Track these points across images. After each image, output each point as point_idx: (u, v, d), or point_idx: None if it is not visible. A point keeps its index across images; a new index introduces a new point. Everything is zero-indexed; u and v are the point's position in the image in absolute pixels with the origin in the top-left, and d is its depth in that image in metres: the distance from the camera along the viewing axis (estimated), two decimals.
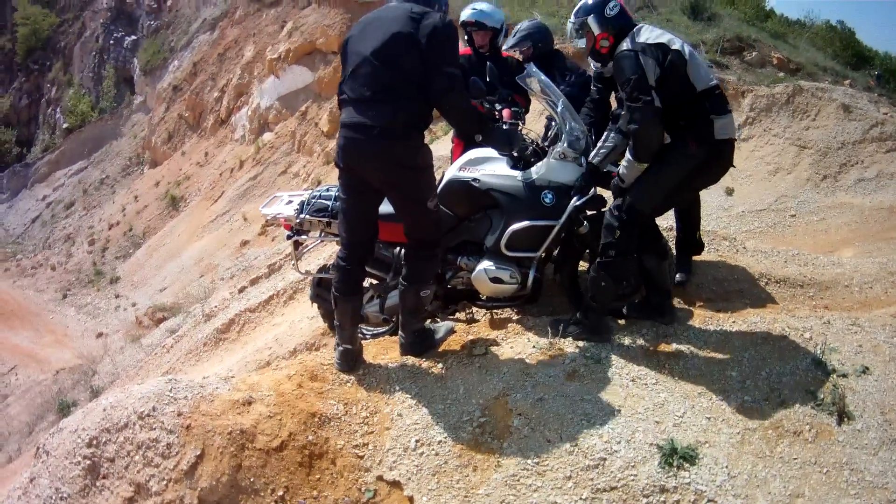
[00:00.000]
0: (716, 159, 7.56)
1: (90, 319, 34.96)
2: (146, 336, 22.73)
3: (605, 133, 7.85)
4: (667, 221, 9.19)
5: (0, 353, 31.33)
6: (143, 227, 41.95)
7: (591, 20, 7.45)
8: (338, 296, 7.31)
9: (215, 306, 15.17)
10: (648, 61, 7.03)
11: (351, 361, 7.33)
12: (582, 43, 7.72)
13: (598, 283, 7.45)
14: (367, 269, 8.03)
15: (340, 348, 7.33)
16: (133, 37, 58.01)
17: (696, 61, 7.33)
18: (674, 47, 7.19)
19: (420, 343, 7.55)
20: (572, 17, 7.63)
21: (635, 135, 7.10)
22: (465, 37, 9.91)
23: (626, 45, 7.22)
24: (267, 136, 37.10)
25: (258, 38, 40.52)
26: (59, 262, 44.60)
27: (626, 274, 7.55)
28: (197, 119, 45.22)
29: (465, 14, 9.73)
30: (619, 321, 8.01)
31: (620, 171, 7.38)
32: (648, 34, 7.28)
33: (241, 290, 15.30)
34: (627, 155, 7.25)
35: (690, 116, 7.32)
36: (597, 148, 7.79)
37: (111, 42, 58.65)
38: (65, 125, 57.05)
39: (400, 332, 7.61)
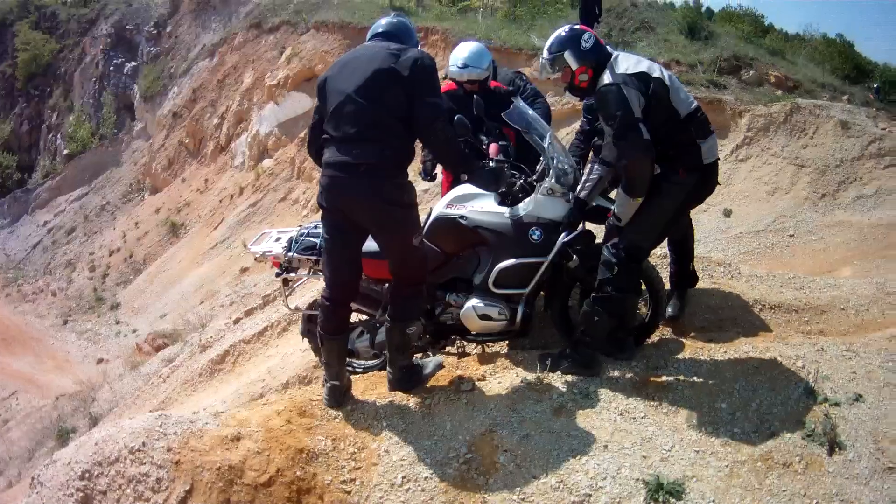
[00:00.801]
0: (704, 183, 7.52)
1: (91, 345, 35.03)
2: (144, 364, 22.70)
3: (589, 166, 7.83)
4: (660, 249, 9.12)
5: (1, 378, 31.46)
6: (143, 254, 42.01)
7: (567, 55, 7.34)
8: (323, 335, 7.31)
9: (211, 337, 15.17)
10: (632, 93, 6.93)
11: (339, 397, 7.30)
12: (557, 78, 7.66)
13: (591, 318, 7.39)
14: (356, 305, 8.08)
15: (328, 385, 7.30)
16: (133, 63, 58.07)
17: (676, 86, 7.29)
18: (654, 75, 7.14)
19: (408, 379, 7.51)
20: (545, 52, 7.57)
21: (627, 171, 7.06)
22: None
23: (606, 77, 7.12)
24: (267, 163, 37.07)
25: (257, 64, 40.62)
26: (60, 288, 44.64)
27: (622, 310, 7.50)
28: (197, 146, 45.31)
29: (454, 72, 9.61)
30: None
31: (616, 210, 7.31)
32: (626, 63, 7.21)
33: (236, 321, 15.32)
34: (621, 192, 7.18)
35: (678, 145, 7.26)
36: (582, 181, 7.78)
37: (111, 68, 58.71)
38: (65, 151, 57.06)
39: (388, 368, 7.57)
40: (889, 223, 14.47)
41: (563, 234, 7.62)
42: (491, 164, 7.87)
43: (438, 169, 10.02)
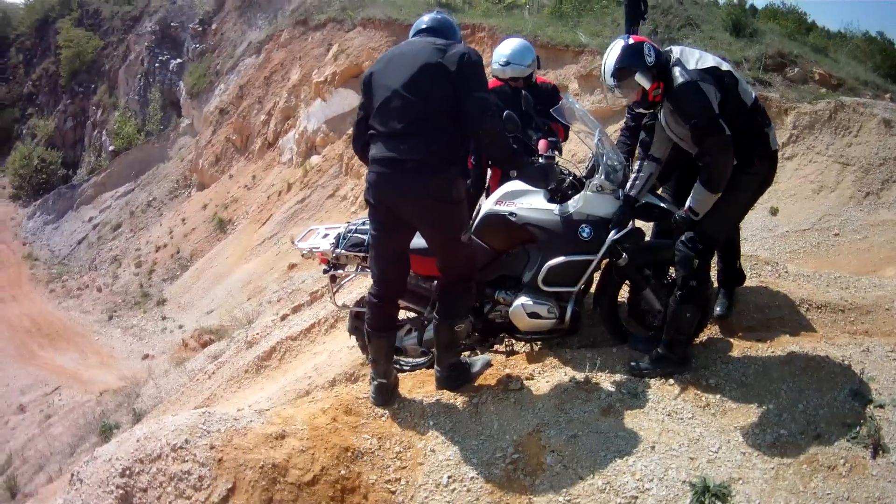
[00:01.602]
0: (772, 171, 7.54)
1: (136, 341, 35.06)
2: (190, 360, 22.69)
3: (638, 163, 7.79)
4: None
5: (45, 374, 31.58)
6: (190, 250, 42.03)
7: (639, 77, 7.08)
8: (371, 332, 7.30)
9: (257, 333, 15.19)
10: (710, 89, 6.87)
11: (386, 395, 7.29)
12: (626, 99, 7.53)
13: (683, 315, 7.34)
14: (404, 302, 8.10)
15: (375, 382, 7.29)
16: (178, 60, 58.22)
17: (740, 77, 7.22)
18: (724, 68, 7.07)
19: (456, 377, 7.50)
20: (610, 79, 7.25)
21: (710, 168, 6.98)
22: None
23: (679, 76, 6.96)
24: (314, 159, 36.96)
25: (304, 60, 40.51)
26: (106, 284, 44.74)
27: (706, 300, 7.53)
28: (244, 142, 45.28)
29: (497, 70, 9.61)
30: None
31: (692, 205, 7.20)
32: (694, 60, 7.11)
33: (283, 318, 15.30)
34: (701, 188, 7.08)
35: (749, 135, 7.20)
36: (632, 179, 7.76)
37: (156, 65, 58.87)
38: (111, 147, 57.24)
39: (435, 366, 7.57)
40: None
41: (612, 232, 7.59)
42: (540, 160, 7.80)
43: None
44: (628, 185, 7.71)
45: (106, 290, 43.91)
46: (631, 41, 7.19)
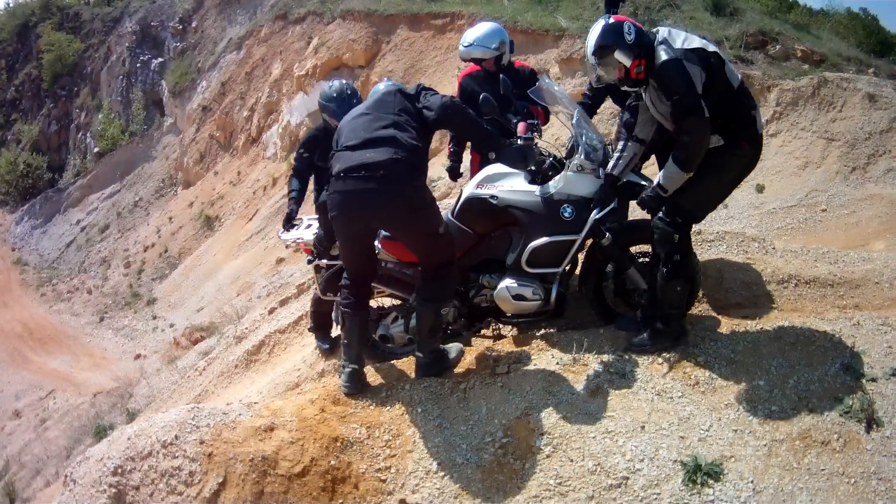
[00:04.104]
0: (758, 153, 7.52)
1: (128, 342, 35.08)
2: (181, 358, 22.74)
3: (622, 143, 7.76)
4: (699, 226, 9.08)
5: (38, 378, 31.56)
6: (178, 248, 42.07)
7: (618, 54, 7.07)
8: (347, 312, 7.43)
9: (246, 328, 15.17)
10: (694, 69, 6.87)
11: (358, 382, 7.36)
12: (609, 77, 7.47)
13: (674, 290, 7.37)
14: (390, 289, 8.29)
15: (348, 369, 7.35)
16: (160, 59, 58.17)
17: (726, 59, 7.21)
18: (710, 49, 7.06)
19: (438, 363, 7.55)
20: (592, 57, 7.29)
21: (688, 147, 6.98)
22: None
23: (664, 54, 6.95)
24: None
25: (285, 55, 40.52)
26: (96, 286, 44.73)
27: (693, 272, 7.56)
28: (228, 138, 45.30)
29: (462, 51, 9.71)
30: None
31: (663, 182, 7.23)
32: (680, 39, 7.09)
33: (270, 312, 15.28)
34: (674, 166, 7.09)
35: (737, 117, 7.21)
36: (614, 159, 7.75)
37: (138, 65, 58.81)
38: (96, 149, 57.17)
39: (417, 352, 7.58)
40: None
41: (594, 212, 7.58)
42: (519, 142, 7.81)
43: (465, 165, 10.06)
44: (610, 164, 7.69)
45: (96, 292, 43.90)
46: (611, 20, 7.19)
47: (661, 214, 7.26)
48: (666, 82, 7.03)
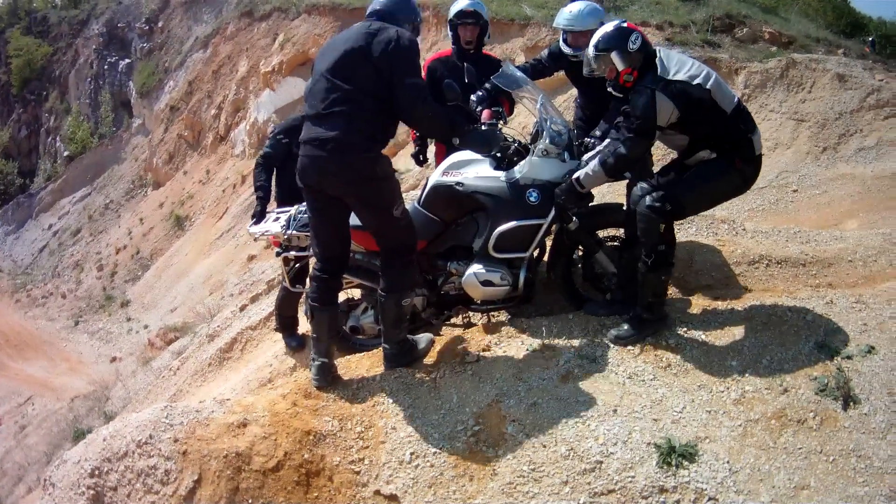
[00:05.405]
0: (755, 174, 7.55)
1: (103, 345, 35.17)
2: (156, 359, 22.79)
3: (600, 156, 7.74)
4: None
5: (16, 385, 31.63)
6: (150, 249, 42.14)
7: (614, 56, 7.24)
8: (315, 306, 7.36)
9: (218, 326, 15.13)
10: (664, 102, 6.98)
11: (329, 376, 7.34)
12: (600, 73, 7.56)
13: (657, 280, 7.37)
14: (359, 280, 8.22)
15: (317, 363, 7.33)
16: (127, 60, 58.27)
17: (719, 85, 7.23)
18: (695, 83, 7.07)
19: (406, 353, 7.55)
20: (591, 49, 7.45)
21: (619, 158, 7.14)
22: (451, 33, 9.79)
23: (648, 79, 7.12)
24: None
25: (251, 52, 40.61)
26: (70, 290, 44.81)
27: (672, 258, 7.53)
28: (196, 138, 45.37)
29: (462, 3, 9.54)
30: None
31: (581, 177, 7.36)
32: (674, 67, 7.19)
33: (242, 309, 15.26)
34: (598, 166, 7.27)
35: (731, 140, 7.28)
36: (593, 153, 7.84)
37: (105, 67, 58.91)
38: (66, 153, 57.32)
39: (384, 343, 7.57)
40: (892, 174, 14.40)
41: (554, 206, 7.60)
42: (483, 128, 7.81)
43: (430, 153, 10.05)
44: (582, 171, 7.55)
45: (70, 296, 43.98)
46: (624, 25, 7.37)
47: (648, 203, 7.23)
48: (634, 101, 7.15)
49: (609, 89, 7.60)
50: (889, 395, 6.24)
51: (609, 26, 7.37)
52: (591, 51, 7.44)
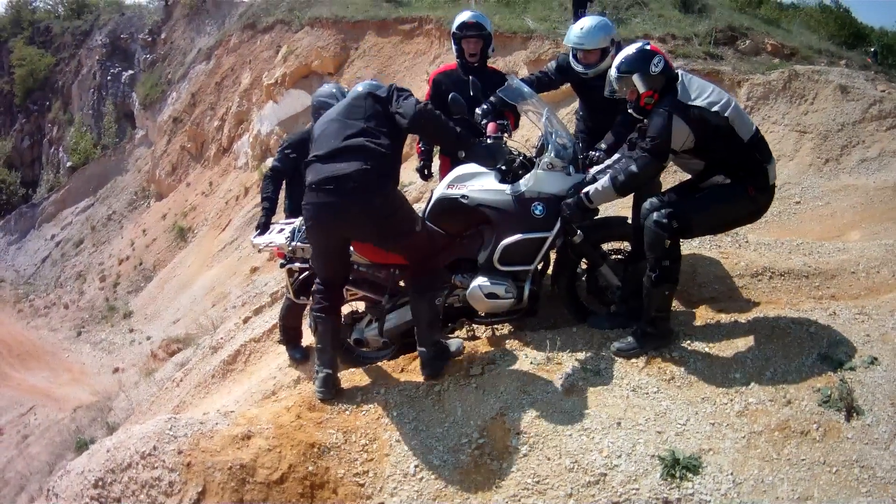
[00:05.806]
0: (767, 202, 7.59)
1: (106, 355, 35.02)
2: (159, 370, 22.69)
3: (610, 172, 7.73)
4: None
5: (18, 394, 31.45)
6: (153, 261, 41.99)
7: (636, 78, 7.29)
8: (319, 316, 7.44)
9: (221, 338, 15.11)
10: (680, 125, 7.03)
11: (333, 387, 7.34)
12: (622, 94, 7.59)
13: (661, 295, 7.37)
14: (363, 292, 8.26)
15: (322, 374, 7.33)
16: (130, 71, 58.12)
17: (738, 113, 7.27)
18: (714, 109, 7.11)
19: (442, 355, 7.52)
20: (614, 70, 7.52)
21: (630, 176, 7.19)
22: (454, 46, 9.81)
23: (667, 101, 7.22)
24: (269, 162, 36.56)
25: (254, 64, 40.49)
26: (72, 300, 44.65)
27: (678, 274, 7.50)
28: (199, 149, 45.23)
29: (465, 16, 9.63)
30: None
31: (591, 193, 7.38)
32: (694, 92, 7.23)
33: (245, 321, 15.24)
34: (608, 183, 7.30)
35: (746, 168, 7.31)
36: (599, 181, 7.68)
37: (108, 78, 58.79)
38: (69, 164, 57.15)
39: (419, 347, 7.50)
40: (895, 185, 14.39)
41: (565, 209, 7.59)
42: (488, 141, 7.85)
43: (435, 168, 10.07)
44: (592, 187, 7.53)
45: (73, 307, 43.82)
46: (647, 47, 7.43)
47: (655, 218, 7.26)
48: (652, 122, 7.19)
49: (630, 111, 7.63)
50: (892, 405, 6.27)
51: (632, 48, 7.42)
52: (613, 72, 7.50)
